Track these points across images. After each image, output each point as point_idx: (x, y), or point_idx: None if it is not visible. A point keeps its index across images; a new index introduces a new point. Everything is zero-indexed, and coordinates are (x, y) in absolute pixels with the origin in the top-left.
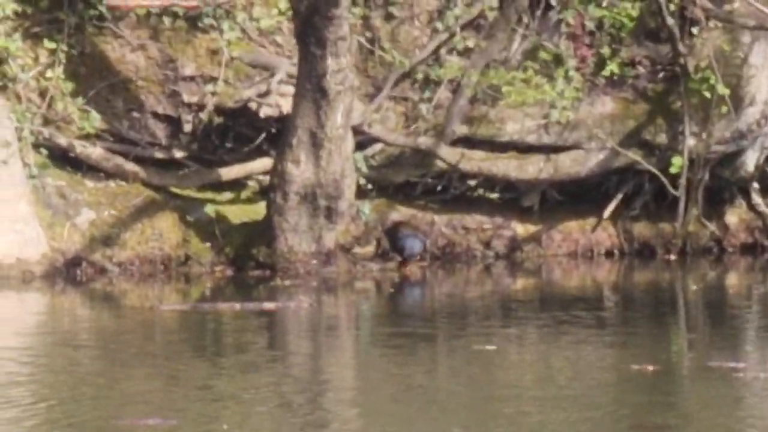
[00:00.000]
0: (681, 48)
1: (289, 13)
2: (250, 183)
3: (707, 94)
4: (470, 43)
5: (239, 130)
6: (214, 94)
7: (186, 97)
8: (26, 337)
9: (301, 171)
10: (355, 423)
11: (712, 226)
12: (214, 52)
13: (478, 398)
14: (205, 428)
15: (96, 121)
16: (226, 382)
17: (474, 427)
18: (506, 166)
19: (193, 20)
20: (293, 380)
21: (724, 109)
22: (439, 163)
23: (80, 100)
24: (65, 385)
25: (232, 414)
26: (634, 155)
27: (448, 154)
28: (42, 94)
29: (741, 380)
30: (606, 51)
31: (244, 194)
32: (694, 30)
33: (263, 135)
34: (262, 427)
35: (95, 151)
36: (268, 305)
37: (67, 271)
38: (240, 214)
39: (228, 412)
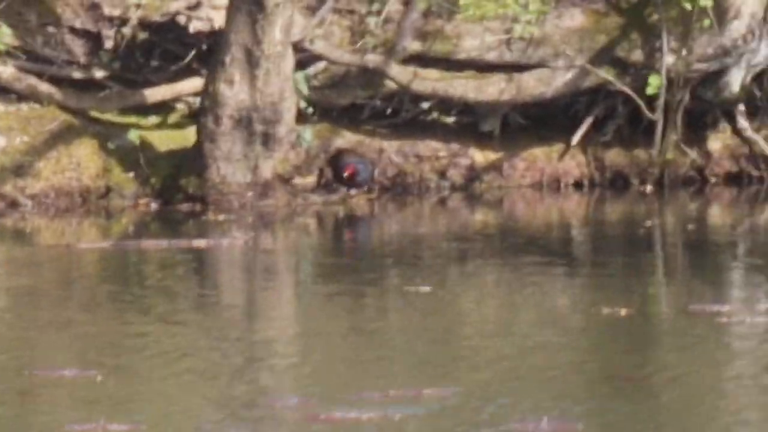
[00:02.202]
0: None
1: None
2: (179, 106)
3: (687, 6)
4: None
5: (166, 47)
6: (138, 6)
7: (107, 10)
8: None
9: (234, 92)
10: (292, 378)
11: (692, 154)
12: None
13: (431, 346)
14: (126, 380)
15: (6, 36)
16: (150, 330)
17: (425, 376)
18: (463, 86)
19: None
20: (224, 328)
21: (707, 22)
22: (389, 84)
23: None
24: None
25: (156, 367)
26: (605, 74)
27: (399, 74)
28: None
29: (724, 325)
30: None
31: (171, 118)
32: None
33: (193, 52)
34: (188, 382)
35: (5, 71)
36: (199, 242)
37: None
38: (167, 140)
39: (150, 363)
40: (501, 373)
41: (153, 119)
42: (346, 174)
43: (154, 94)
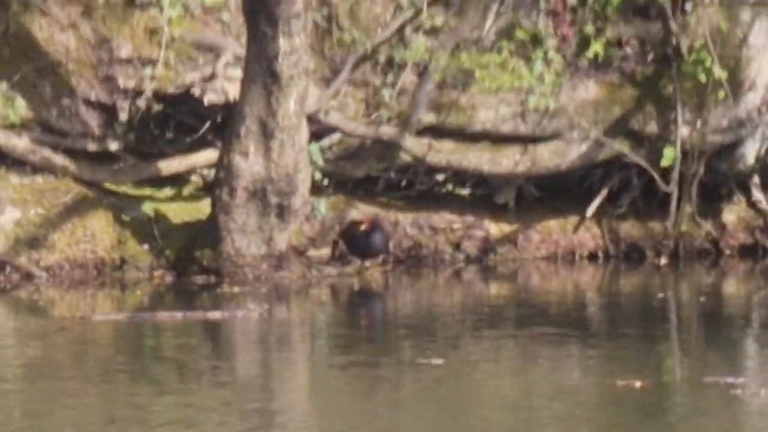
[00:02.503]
0: (673, 26)
1: None
2: (193, 178)
3: (702, 78)
4: (438, 22)
5: (181, 119)
6: (153, 78)
7: (122, 82)
8: None
9: (249, 164)
10: None
11: (707, 226)
12: (153, 32)
13: (449, 422)
14: None
15: (21, 108)
16: (166, 404)
17: None
18: (478, 158)
19: None
20: (242, 403)
21: (722, 94)
22: (404, 156)
23: (4, 86)
24: None
25: None
26: (620, 146)
27: (414, 146)
28: None
29: (739, 397)
30: (589, 30)
31: (186, 190)
32: (688, 6)
33: (208, 124)
34: None
35: (20, 143)
36: (214, 315)
37: None
38: (181, 212)
39: None
40: None
41: (167, 191)
42: (364, 227)
43: (169, 166)
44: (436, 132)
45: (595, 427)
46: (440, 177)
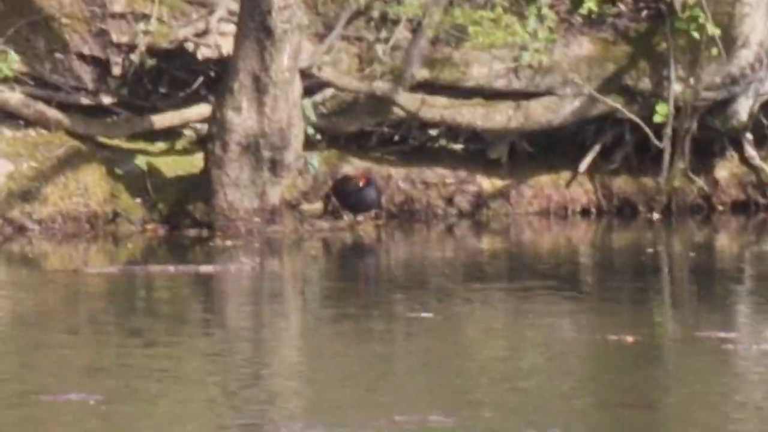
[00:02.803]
0: None
1: None
2: (186, 132)
3: (695, 35)
4: None
5: (174, 74)
6: (146, 33)
7: (115, 37)
8: None
9: (242, 119)
10: (297, 404)
11: (700, 182)
12: None
13: (441, 372)
14: (132, 405)
15: (15, 62)
16: (157, 356)
17: (435, 403)
18: (471, 114)
19: None
20: (231, 354)
21: (715, 51)
22: (397, 111)
23: None
24: None
25: (162, 391)
26: (613, 102)
27: (407, 101)
28: None
29: (731, 352)
30: None
31: (179, 144)
32: None
33: (201, 79)
34: (193, 407)
35: (14, 96)
36: (206, 268)
37: None
38: (174, 166)
39: (157, 388)
40: (505, 399)
41: (160, 145)
42: (361, 182)
43: (162, 120)
44: (429, 87)
45: (584, 381)
46: (433, 132)
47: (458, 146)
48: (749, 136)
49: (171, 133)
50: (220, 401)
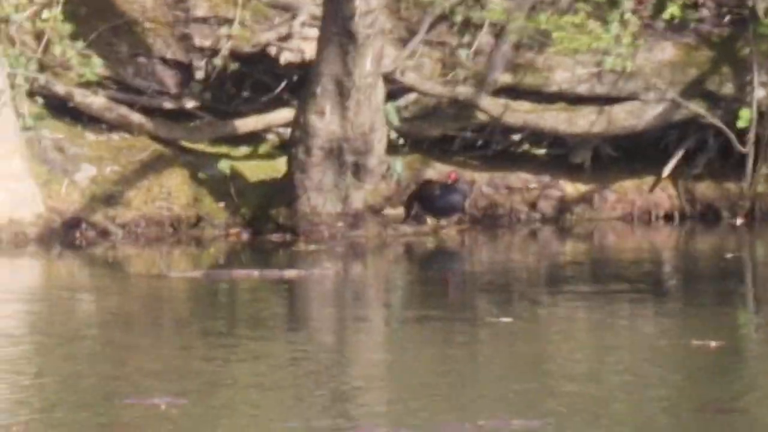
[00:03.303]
0: None
1: None
2: (269, 136)
3: None
4: None
5: (257, 78)
6: (229, 37)
7: (198, 41)
8: (20, 310)
9: (325, 123)
10: (380, 407)
11: None
12: None
13: (524, 377)
14: (216, 411)
15: (98, 67)
16: (242, 360)
17: (518, 408)
18: (554, 118)
19: None
20: (315, 360)
21: None
22: (480, 115)
23: (80, 44)
24: (65, 363)
25: (246, 396)
26: (696, 107)
27: (490, 106)
28: (38, 36)
29: None
30: None
31: (262, 149)
32: None
33: (284, 83)
34: (277, 412)
35: (97, 101)
36: (290, 273)
37: (65, 234)
38: (257, 170)
39: (241, 394)
40: (589, 404)
41: (243, 149)
42: (450, 179)
43: (245, 124)
44: (512, 92)
45: (668, 387)
46: (516, 137)
47: (541, 151)
48: None
49: (254, 138)
50: (301, 406)
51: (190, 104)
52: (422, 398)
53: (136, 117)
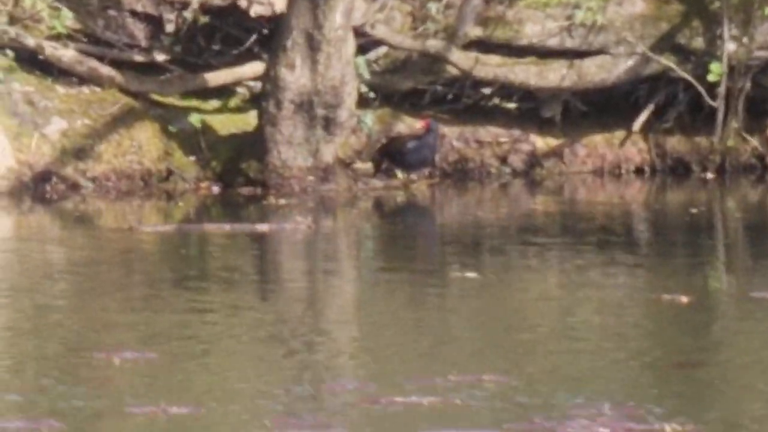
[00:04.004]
0: None
1: None
2: (240, 90)
3: None
4: None
5: (227, 31)
6: None
7: None
8: None
9: (296, 77)
10: (352, 359)
11: (754, 141)
12: None
13: (494, 331)
14: (184, 364)
15: (68, 19)
16: (212, 314)
17: (485, 362)
18: (525, 72)
19: None
20: (286, 314)
21: None
22: (450, 69)
23: None
24: (34, 316)
25: (217, 351)
26: (667, 61)
27: (460, 59)
28: None
29: None
30: None
31: (232, 102)
32: None
33: (254, 36)
34: (247, 366)
35: (67, 53)
36: (261, 226)
37: (36, 187)
38: (228, 124)
39: (211, 346)
40: (560, 358)
41: (214, 103)
42: (421, 125)
43: (216, 78)
44: (482, 46)
45: (639, 341)
46: (487, 91)
47: (512, 105)
48: None
49: (224, 91)
50: (272, 361)
51: (160, 57)
52: (392, 354)
53: (107, 70)
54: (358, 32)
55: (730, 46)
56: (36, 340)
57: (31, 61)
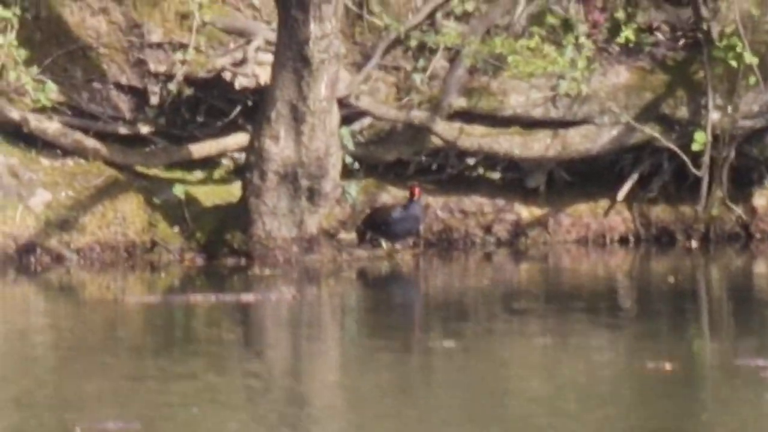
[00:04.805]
0: (704, 12)
1: None
2: (224, 161)
3: (733, 64)
4: (469, 7)
5: (212, 103)
6: (183, 62)
7: (153, 66)
8: None
9: (280, 148)
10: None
11: (738, 210)
12: (184, 17)
13: (482, 401)
14: None
15: (52, 92)
16: (197, 384)
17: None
18: (509, 142)
19: None
20: (271, 383)
21: (752, 80)
22: (435, 140)
23: (35, 70)
24: (20, 388)
25: (200, 420)
26: (651, 131)
27: (445, 130)
28: None
29: None
30: (620, 15)
31: (216, 174)
32: None
33: (238, 108)
34: None
35: (51, 126)
36: (247, 297)
37: (20, 259)
38: (212, 195)
39: (196, 419)
40: (542, 427)
41: (198, 174)
42: (411, 193)
43: (200, 149)
44: (467, 116)
45: (622, 409)
46: (471, 161)
47: (496, 175)
48: None
49: (209, 163)
50: (255, 428)
51: (144, 129)
52: (375, 424)
53: (91, 142)
54: (343, 103)
55: (714, 116)
56: (21, 412)
57: (15, 133)
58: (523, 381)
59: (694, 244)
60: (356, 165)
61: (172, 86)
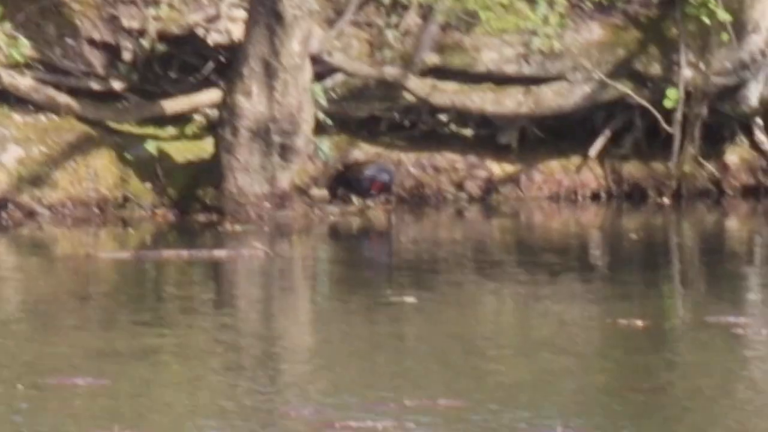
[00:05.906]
0: None
1: None
2: (197, 117)
3: (706, 20)
4: None
5: (185, 59)
6: (156, 18)
7: (125, 22)
8: None
9: (252, 104)
10: (307, 383)
11: (710, 167)
12: None
13: (449, 352)
14: (138, 390)
15: (25, 48)
16: (168, 340)
17: (441, 382)
18: (481, 99)
19: None
20: (243, 338)
21: (725, 36)
22: (407, 96)
23: (7, 25)
24: None
25: (171, 375)
26: (623, 87)
27: (417, 86)
28: None
29: (741, 337)
30: None
31: (189, 130)
32: None
33: (211, 64)
34: (203, 391)
35: (24, 82)
36: (219, 253)
37: None
38: (184, 151)
39: (166, 373)
40: (515, 383)
41: (171, 130)
42: (374, 191)
43: (172, 105)
44: (439, 73)
45: (594, 366)
46: (443, 117)
47: (468, 131)
48: (759, 121)
49: (181, 119)
50: (228, 385)
51: (117, 85)
52: (349, 378)
53: (63, 98)
54: (315, 59)
55: (686, 73)
56: None
57: None
58: (494, 341)
59: (665, 200)
60: (328, 121)
61: (145, 42)
